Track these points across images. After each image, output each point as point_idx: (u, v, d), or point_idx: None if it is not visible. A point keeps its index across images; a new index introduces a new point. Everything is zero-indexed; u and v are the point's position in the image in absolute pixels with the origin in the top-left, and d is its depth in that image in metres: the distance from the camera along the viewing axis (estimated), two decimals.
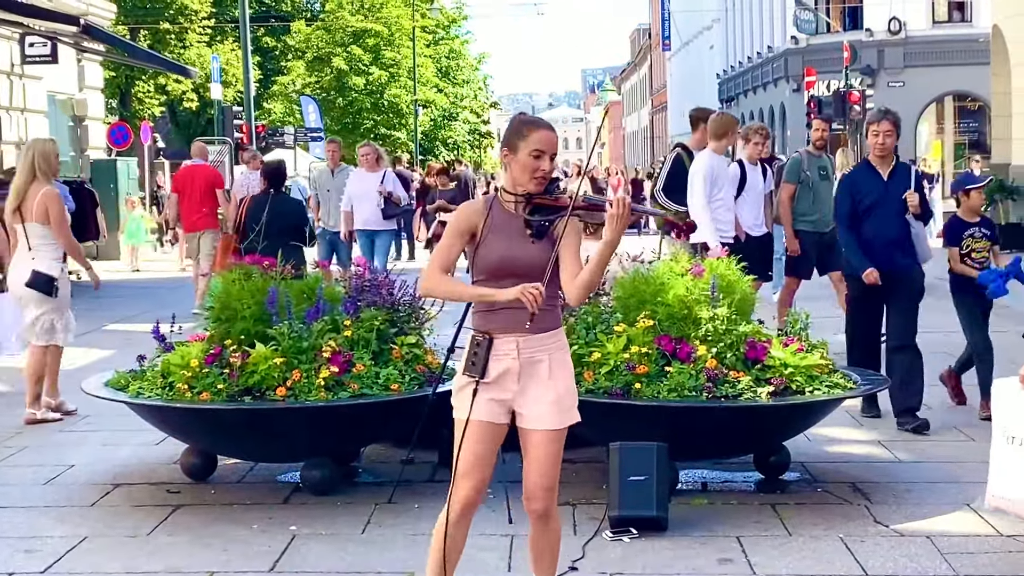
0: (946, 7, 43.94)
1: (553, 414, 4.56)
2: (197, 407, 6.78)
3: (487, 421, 4.55)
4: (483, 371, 4.51)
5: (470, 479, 4.54)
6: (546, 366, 4.55)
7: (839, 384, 6.97)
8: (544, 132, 4.54)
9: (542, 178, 4.52)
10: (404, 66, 56.08)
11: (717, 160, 10.62)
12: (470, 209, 4.67)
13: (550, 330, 4.56)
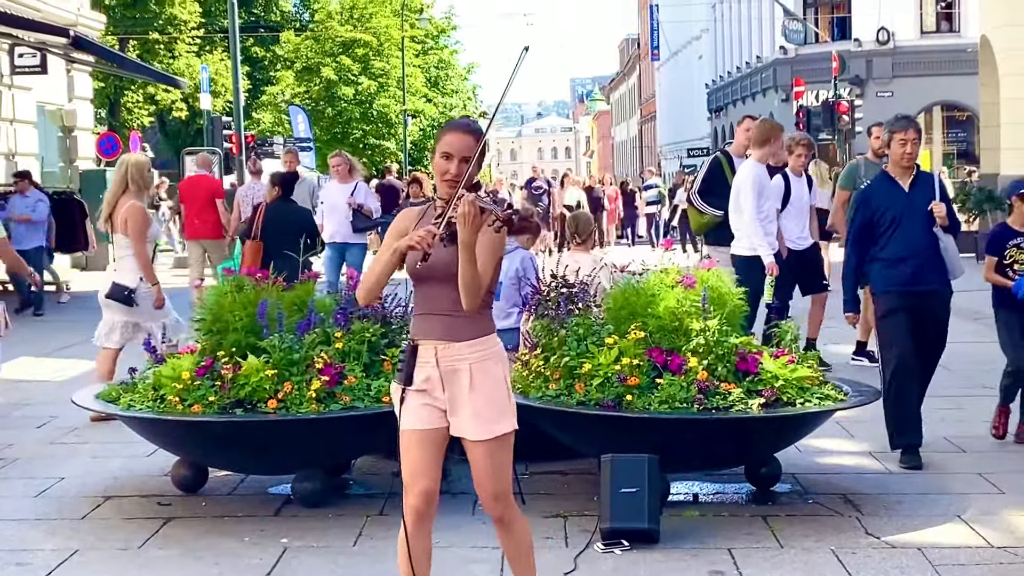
0: (934, 17, 44.13)
1: (475, 426, 4.49)
2: (188, 419, 6.78)
3: (421, 428, 4.52)
4: (408, 378, 4.49)
5: (415, 489, 4.52)
6: (466, 375, 4.48)
7: (830, 396, 6.98)
8: (453, 134, 4.49)
9: (451, 180, 4.41)
10: (393, 76, 56.14)
11: (761, 169, 10.41)
12: (405, 215, 4.67)
13: (471, 339, 4.48)
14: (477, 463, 4.55)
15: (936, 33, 43.63)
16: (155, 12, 55.64)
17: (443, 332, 4.46)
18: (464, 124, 4.60)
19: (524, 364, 7.28)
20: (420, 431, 4.51)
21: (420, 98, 58.76)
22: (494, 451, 4.53)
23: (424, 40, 61.84)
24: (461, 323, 4.44)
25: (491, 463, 4.54)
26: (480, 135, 4.54)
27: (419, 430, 4.51)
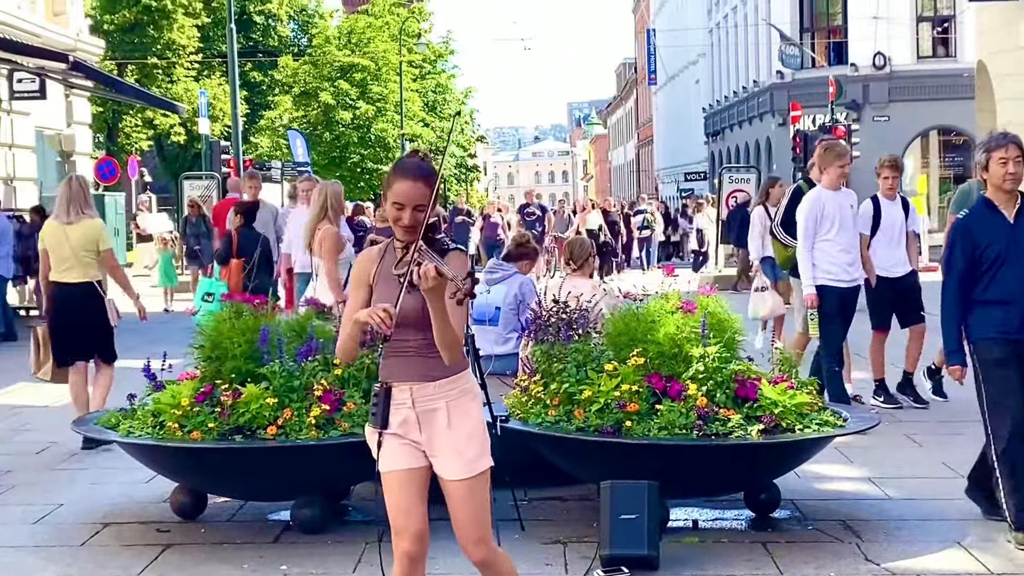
0: (930, 42, 44.24)
1: (457, 465, 4.43)
2: (187, 446, 6.78)
3: (403, 468, 4.45)
4: (384, 421, 4.42)
5: (405, 534, 4.42)
6: (444, 414, 4.44)
7: (829, 422, 6.98)
8: (403, 184, 4.38)
9: (404, 228, 4.37)
10: (391, 100, 56.24)
11: (828, 195, 9.89)
12: (365, 258, 4.58)
13: (445, 377, 4.43)
14: (458, 505, 4.46)
15: (932, 58, 43.74)
16: (153, 37, 55.89)
17: (417, 373, 4.42)
18: (414, 169, 4.43)
19: (523, 390, 7.28)
20: (402, 471, 4.45)
21: (418, 122, 58.88)
22: (475, 489, 4.45)
23: (422, 65, 62.02)
24: (434, 363, 4.39)
25: (472, 503, 4.45)
26: (432, 177, 4.43)
27: (402, 470, 4.45)
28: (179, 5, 56.08)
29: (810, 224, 9.83)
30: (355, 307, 4.46)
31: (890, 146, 42.05)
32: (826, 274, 9.84)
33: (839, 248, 9.86)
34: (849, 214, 9.98)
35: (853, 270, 9.99)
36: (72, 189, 9.79)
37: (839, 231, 9.85)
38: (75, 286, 9.66)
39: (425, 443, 4.45)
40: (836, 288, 9.84)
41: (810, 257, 9.80)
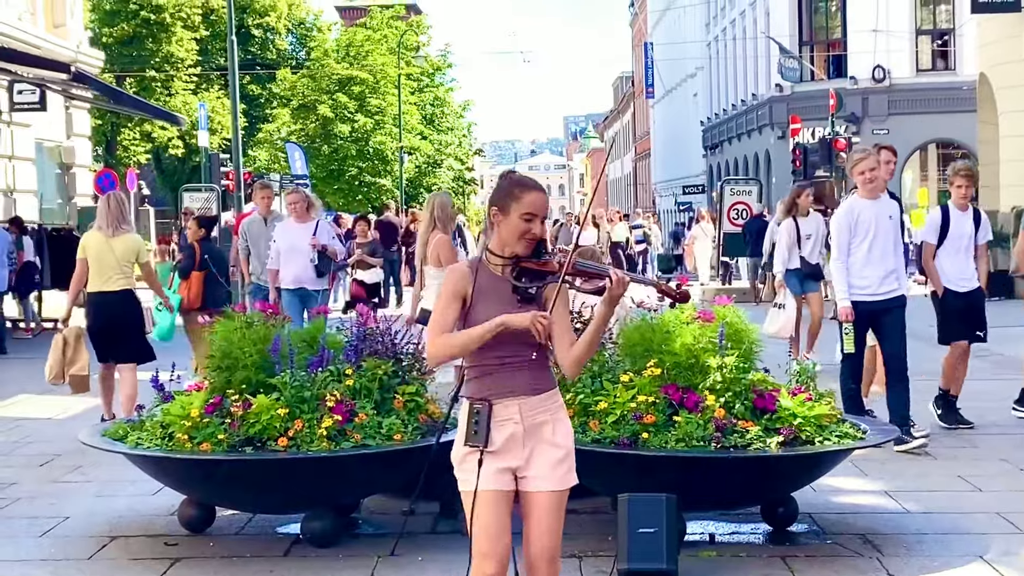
0: (930, 55, 44.22)
1: (558, 475, 4.40)
2: (197, 458, 6.66)
3: (496, 490, 4.34)
4: (486, 439, 4.32)
5: (492, 557, 4.31)
6: (550, 428, 4.41)
7: (848, 434, 6.88)
8: (537, 194, 4.39)
9: (531, 240, 4.36)
10: (389, 113, 56.24)
11: (863, 205, 9.34)
12: (457, 273, 4.45)
13: (548, 391, 4.43)
14: (542, 517, 4.38)
15: (932, 71, 43.71)
16: (152, 50, 55.90)
17: (526, 387, 4.37)
18: (538, 183, 4.52)
19: None
20: (497, 492, 4.34)
21: (416, 135, 58.86)
22: (561, 504, 4.44)
23: (420, 78, 62.01)
24: (540, 376, 4.40)
25: (555, 517, 4.40)
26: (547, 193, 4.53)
27: (496, 491, 4.34)
28: (178, 18, 56.14)
29: (843, 236, 9.38)
30: (447, 319, 4.36)
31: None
32: (854, 290, 9.32)
33: (872, 261, 9.29)
34: (887, 225, 9.37)
35: (890, 282, 9.36)
36: (111, 206, 10.52)
37: (873, 243, 9.28)
38: (116, 294, 10.42)
39: (524, 459, 4.38)
40: (864, 303, 9.29)
41: (845, 270, 9.33)
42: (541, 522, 4.39)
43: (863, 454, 9.01)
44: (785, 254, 13.66)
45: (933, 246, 10.22)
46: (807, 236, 13.62)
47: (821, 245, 13.64)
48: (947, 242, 10.18)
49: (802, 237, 13.61)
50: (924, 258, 10.27)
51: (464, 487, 4.37)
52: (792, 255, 13.55)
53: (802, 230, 13.66)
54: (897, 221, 9.53)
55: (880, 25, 41.55)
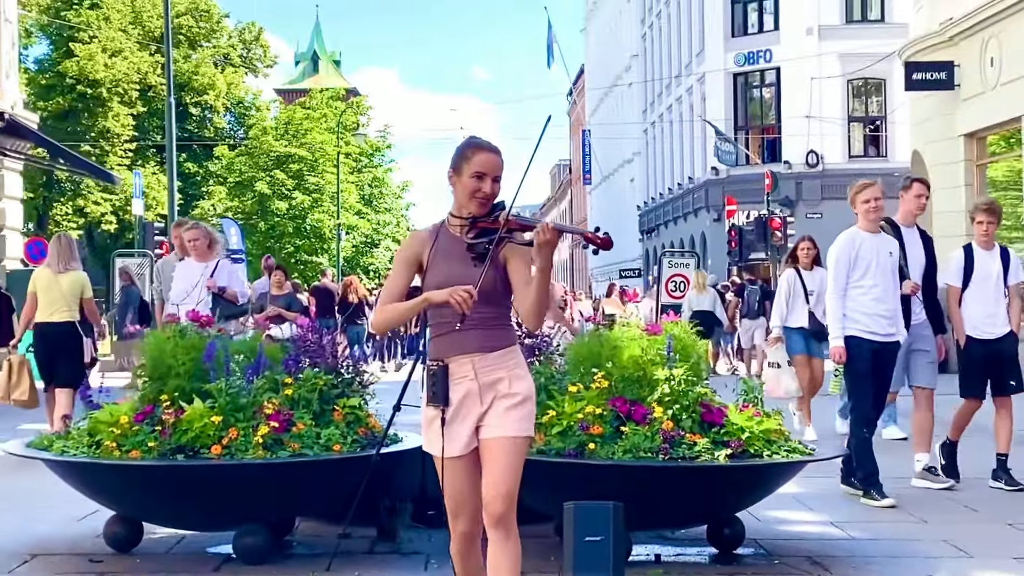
0: (862, 142, 44.93)
1: (506, 424, 4.43)
2: (126, 464, 6.39)
3: (464, 454, 4.48)
4: (445, 398, 4.44)
5: (462, 516, 4.52)
6: (505, 383, 4.47)
7: (797, 450, 6.76)
8: (487, 154, 4.49)
9: (483, 200, 4.46)
10: (327, 191, 56.21)
11: (865, 237, 8.71)
12: (416, 238, 4.63)
13: (503, 348, 4.50)
14: (498, 460, 4.42)
15: (864, 157, 44.35)
16: (87, 125, 55.63)
17: (480, 345, 4.45)
18: (489, 144, 4.58)
19: None
20: (464, 457, 4.48)
21: (354, 214, 58.78)
22: (516, 450, 4.46)
23: (359, 158, 62.08)
24: (493, 335, 4.48)
25: (510, 459, 4.43)
26: (501, 155, 4.56)
27: (464, 456, 4.48)
28: (114, 93, 55.99)
29: (842, 269, 8.70)
30: (398, 285, 4.54)
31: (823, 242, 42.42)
32: (856, 325, 8.65)
33: (872, 297, 8.65)
34: (888, 261, 8.74)
35: (889, 324, 8.71)
36: (61, 244, 11.61)
37: (874, 278, 8.64)
38: (61, 324, 11.34)
39: (482, 412, 4.46)
40: (866, 341, 8.63)
41: (840, 305, 8.69)
42: (492, 463, 4.43)
43: (808, 491, 8.92)
44: (783, 308, 12.56)
45: (958, 289, 9.53)
46: (811, 291, 12.30)
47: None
48: (972, 284, 9.46)
49: (807, 291, 12.35)
50: (948, 303, 9.59)
51: (428, 448, 4.54)
52: (795, 310, 12.45)
53: (807, 284, 12.39)
54: (897, 259, 8.84)
55: (813, 111, 42.19)
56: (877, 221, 8.78)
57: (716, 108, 45.66)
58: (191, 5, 62.48)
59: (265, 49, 66.89)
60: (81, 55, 54.73)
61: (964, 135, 23.28)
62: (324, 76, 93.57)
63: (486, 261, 4.37)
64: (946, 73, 23.70)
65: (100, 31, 56.25)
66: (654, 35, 58.49)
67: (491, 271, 4.40)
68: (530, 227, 4.38)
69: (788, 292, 12.49)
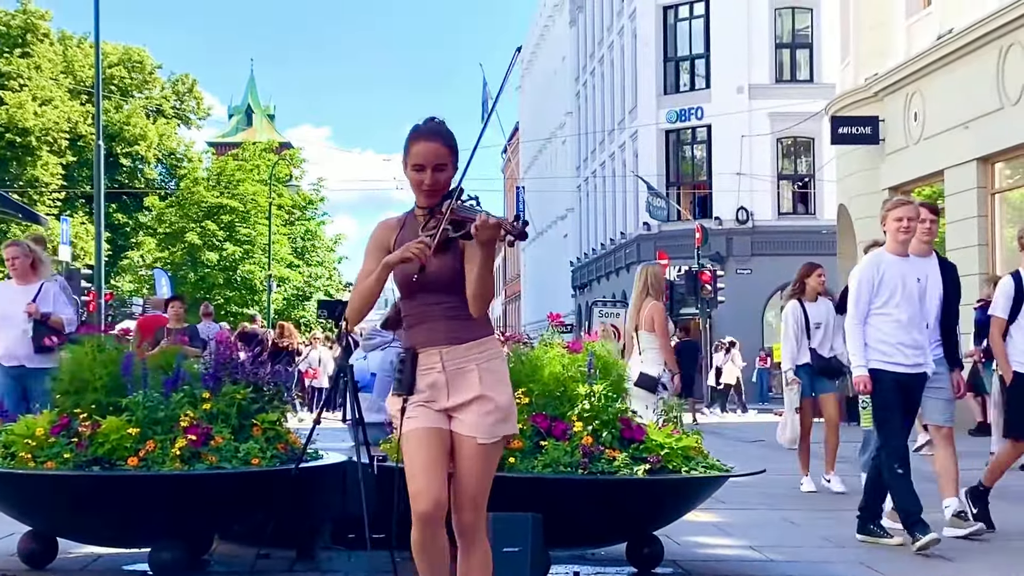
0: (791, 199, 45.51)
1: (483, 425, 4.32)
2: (40, 473, 6.31)
3: (425, 427, 4.30)
4: (410, 387, 4.34)
5: (423, 496, 4.23)
6: (475, 375, 4.35)
7: (715, 466, 6.81)
8: (422, 143, 4.38)
9: (428, 191, 4.37)
10: (259, 243, 55.95)
11: (891, 260, 7.99)
12: (383, 225, 4.56)
13: (473, 339, 4.38)
14: (469, 464, 4.33)
15: (793, 215, 44.93)
16: (15, 173, 55.07)
17: (447, 336, 4.35)
18: (428, 129, 4.43)
19: None
20: (425, 430, 4.30)
21: (286, 266, 58.52)
22: (489, 454, 4.38)
23: (291, 210, 61.90)
24: (462, 325, 4.36)
25: (484, 465, 4.36)
26: (450, 138, 4.43)
27: (424, 428, 4.30)
28: (44, 142, 55.49)
29: (864, 293, 7.97)
30: (363, 274, 4.45)
31: (751, 299, 43.06)
32: (879, 356, 7.94)
33: (896, 325, 7.93)
34: (915, 287, 7.99)
35: (916, 355, 7.97)
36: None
37: (899, 304, 7.93)
38: None
39: (452, 407, 4.35)
40: (890, 373, 7.89)
41: (861, 332, 7.98)
42: (467, 469, 4.34)
43: (727, 520, 8.98)
44: (795, 346, 11.38)
45: (1004, 321, 8.75)
46: (816, 324, 11.32)
47: (834, 336, 11.22)
48: (1021, 316, 8.70)
49: (811, 325, 11.34)
50: (992, 336, 8.93)
51: (397, 434, 4.41)
52: (801, 347, 11.39)
53: (811, 317, 11.35)
54: (925, 285, 8.07)
55: (744, 168, 42.73)
56: (907, 244, 8.05)
57: (648, 164, 46.09)
58: (124, 56, 62.31)
59: (199, 101, 66.80)
60: (11, 103, 54.26)
61: (889, 188, 23.65)
62: (258, 130, 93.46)
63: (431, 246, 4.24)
64: (871, 128, 24.16)
65: (31, 79, 55.85)
66: (588, 92, 59.08)
67: (450, 259, 4.32)
68: (470, 219, 4.22)
69: (796, 328, 11.35)
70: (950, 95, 20.80)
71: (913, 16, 22.79)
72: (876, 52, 24.15)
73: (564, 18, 65.11)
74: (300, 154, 68.35)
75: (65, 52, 59.83)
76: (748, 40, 43.72)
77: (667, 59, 46.62)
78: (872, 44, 24.46)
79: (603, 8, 55.02)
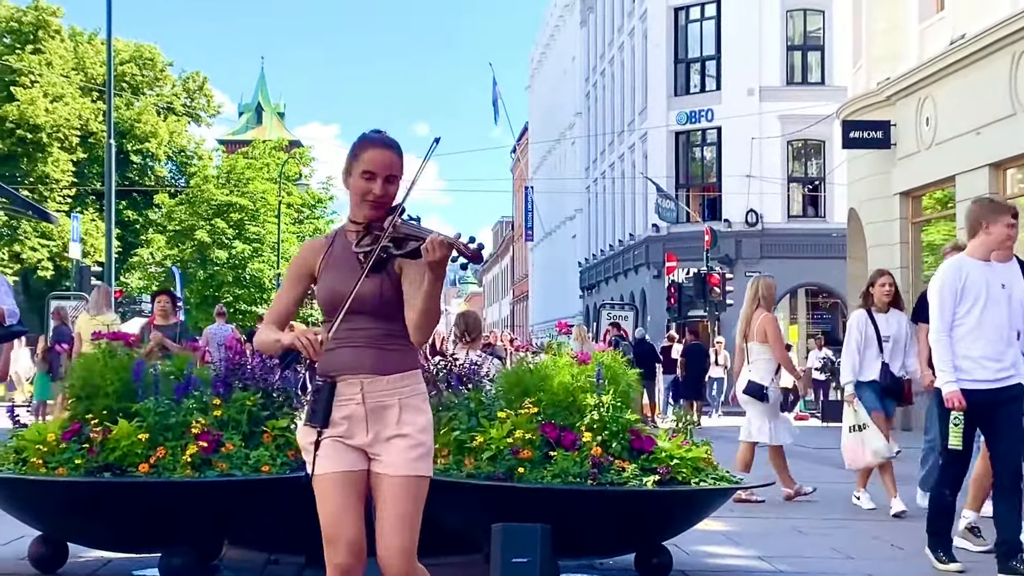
0: (801, 202, 45.45)
1: (398, 461, 3.97)
2: (52, 480, 6.33)
3: (340, 471, 3.96)
4: (325, 419, 3.97)
5: (339, 543, 3.90)
6: (395, 411, 4.00)
7: (725, 478, 6.81)
8: (378, 150, 4.04)
9: (375, 203, 4.02)
10: (268, 241, 55.98)
11: (974, 265, 7.44)
12: (308, 247, 4.20)
13: (399, 372, 4.03)
14: (389, 505, 3.95)
15: (803, 218, 44.86)
16: (26, 170, 55.16)
17: (371, 366, 4.00)
18: (382, 138, 4.10)
19: None
20: (339, 473, 3.96)
21: None
22: (410, 492, 3.97)
23: (301, 208, 61.94)
24: (388, 356, 4.02)
25: (404, 506, 3.95)
26: (400, 150, 4.10)
27: (338, 472, 3.96)
28: (55, 139, 55.60)
29: (948, 301, 7.40)
30: (284, 301, 4.13)
31: None
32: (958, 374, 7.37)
33: (980, 336, 7.35)
34: (999, 294, 7.40)
35: (1003, 368, 7.34)
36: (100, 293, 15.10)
37: (983, 314, 7.35)
38: None
39: (369, 443, 4.02)
40: (972, 392, 7.28)
41: (949, 344, 7.37)
42: (385, 510, 3.97)
43: (737, 529, 8.98)
44: (856, 358, 10.32)
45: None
46: (885, 338, 10.31)
47: (905, 353, 10.40)
48: None
49: (881, 338, 10.32)
50: None
51: (310, 471, 4.02)
52: (866, 361, 10.33)
53: (881, 329, 10.32)
54: (1011, 291, 7.48)
55: (753, 171, 42.69)
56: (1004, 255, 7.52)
57: (658, 166, 46.04)
58: (135, 53, 62.38)
59: (209, 99, 66.87)
60: (22, 99, 54.35)
61: (900, 193, 23.64)
62: (268, 127, 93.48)
63: (363, 269, 3.93)
64: (883, 132, 24.11)
65: (42, 76, 55.95)
66: (598, 93, 59.05)
67: (383, 281, 3.99)
68: (419, 237, 3.89)
69: (859, 339, 10.32)
70: (962, 100, 20.75)
71: (926, 20, 22.73)
72: (888, 56, 24.10)
73: (575, 18, 65.07)
74: (309, 152, 68.33)
75: (76, 49, 59.92)
76: (759, 42, 43.62)
77: (677, 60, 46.56)
78: (884, 48, 24.42)
79: (614, 9, 54.98)
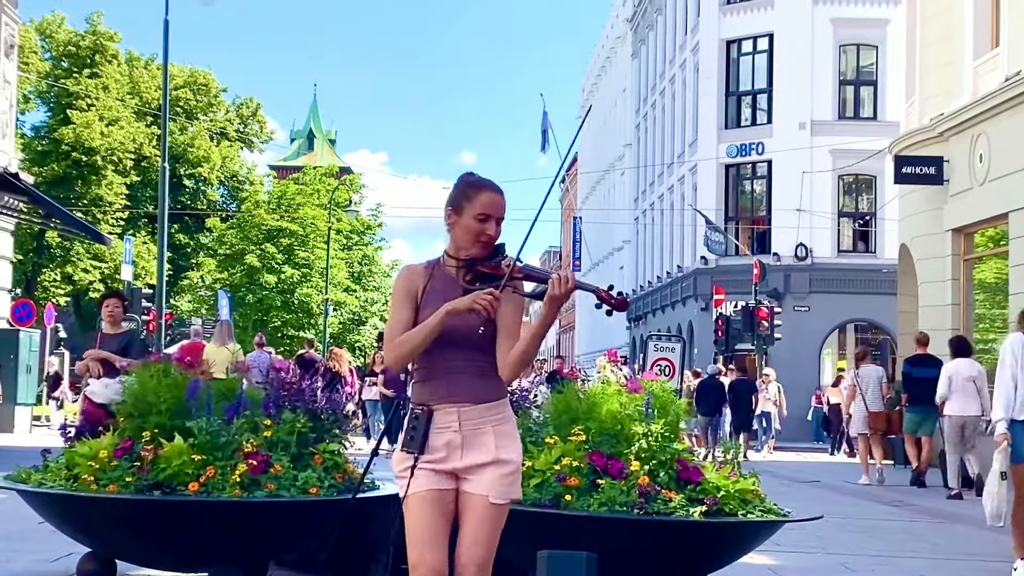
0: (851, 237, 45.20)
1: (499, 486, 4.19)
2: (103, 497, 6.39)
3: (429, 491, 4.14)
4: (422, 446, 4.17)
5: (422, 567, 4.07)
6: (491, 437, 4.21)
7: (772, 510, 6.77)
8: (491, 194, 4.27)
9: (486, 243, 4.25)
10: (317, 267, 56.31)
11: None
12: (412, 271, 4.36)
13: (491, 401, 4.23)
14: (476, 523, 4.16)
15: (853, 252, 44.62)
16: (81, 192, 55.80)
17: (468, 395, 4.20)
18: (492, 183, 4.36)
19: None
20: (431, 492, 4.15)
21: (342, 290, 58.84)
22: (499, 517, 4.21)
23: (349, 235, 62.28)
24: (482, 385, 4.22)
25: (493, 527, 4.18)
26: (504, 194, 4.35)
27: (429, 491, 4.15)
28: (109, 162, 56.21)
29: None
30: (399, 321, 4.25)
31: (809, 337, 42.79)
32: None
33: None
34: None
35: None
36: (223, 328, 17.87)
37: None
38: None
39: (463, 468, 4.20)
40: None
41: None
42: (475, 530, 4.16)
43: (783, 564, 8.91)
44: (1011, 392, 8.51)
45: None
46: None
47: None
48: None
49: None
50: None
51: (401, 494, 4.20)
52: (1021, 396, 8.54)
53: None
54: None
55: (804, 205, 42.52)
56: None
57: (707, 198, 45.98)
58: (189, 78, 63.08)
59: (262, 124, 67.49)
60: (78, 122, 55.04)
61: (952, 230, 23.47)
62: (319, 154, 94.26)
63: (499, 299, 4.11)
64: (935, 168, 23.97)
65: (98, 100, 56.65)
66: (648, 124, 59.08)
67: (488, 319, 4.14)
68: (538, 278, 4.18)
69: (1014, 366, 8.55)
70: (1016, 137, 20.60)
71: (980, 57, 22.61)
72: (942, 92, 23.99)
73: (626, 50, 65.21)
74: (359, 180, 68.75)
75: (131, 73, 60.66)
76: (811, 76, 43.53)
77: (728, 93, 46.54)
78: (938, 84, 24.30)
79: (666, 41, 55.06)
